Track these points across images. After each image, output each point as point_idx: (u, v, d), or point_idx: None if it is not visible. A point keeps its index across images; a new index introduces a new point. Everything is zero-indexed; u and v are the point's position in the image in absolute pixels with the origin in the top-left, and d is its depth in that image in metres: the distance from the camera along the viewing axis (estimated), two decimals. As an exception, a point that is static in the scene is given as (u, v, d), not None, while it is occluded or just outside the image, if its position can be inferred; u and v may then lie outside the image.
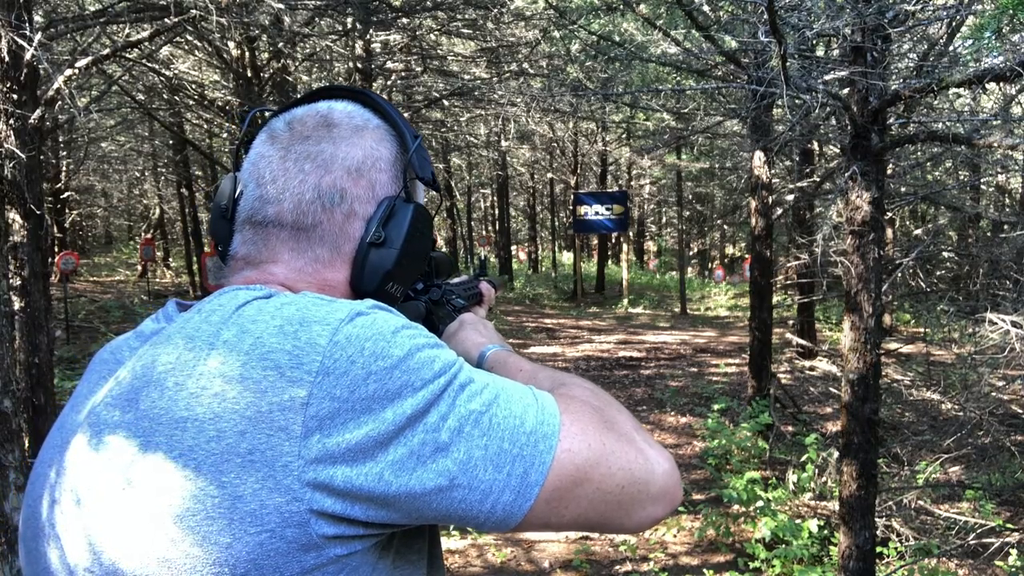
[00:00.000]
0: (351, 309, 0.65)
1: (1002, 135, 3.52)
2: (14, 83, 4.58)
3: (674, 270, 25.93)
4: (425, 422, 0.62)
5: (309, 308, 0.65)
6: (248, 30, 7.48)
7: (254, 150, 0.80)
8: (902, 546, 5.27)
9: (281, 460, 0.58)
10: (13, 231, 4.67)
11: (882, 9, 3.73)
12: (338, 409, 0.60)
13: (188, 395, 0.61)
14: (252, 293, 0.69)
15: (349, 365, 0.61)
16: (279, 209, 0.76)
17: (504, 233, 23.77)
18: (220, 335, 0.64)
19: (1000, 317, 4.20)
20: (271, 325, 0.63)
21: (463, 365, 0.68)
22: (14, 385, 3.27)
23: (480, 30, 11.24)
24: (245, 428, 0.59)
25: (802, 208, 10.11)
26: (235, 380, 0.61)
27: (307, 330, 0.63)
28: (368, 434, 0.60)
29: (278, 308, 0.65)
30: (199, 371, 0.62)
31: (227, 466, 0.58)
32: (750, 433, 6.99)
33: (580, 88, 9.15)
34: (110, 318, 12.36)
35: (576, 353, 12.59)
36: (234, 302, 0.68)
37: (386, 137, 0.81)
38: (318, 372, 0.60)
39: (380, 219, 0.77)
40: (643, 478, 0.70)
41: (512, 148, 21.46)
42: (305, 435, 0.59)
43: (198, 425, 0.60)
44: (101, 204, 25.07)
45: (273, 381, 0.60)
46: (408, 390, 0.62)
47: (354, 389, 0.60)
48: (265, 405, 0.59)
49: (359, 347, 0.62)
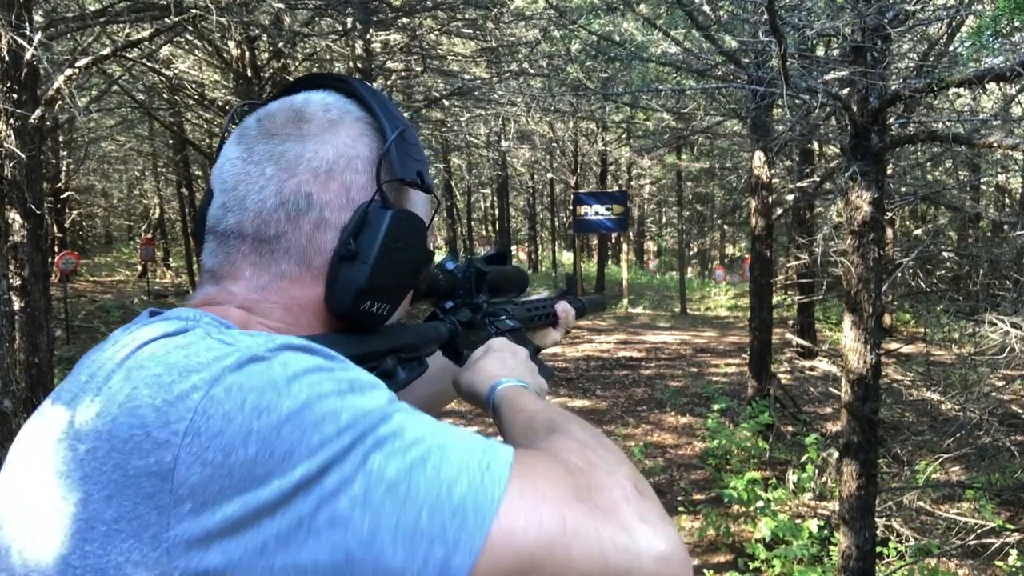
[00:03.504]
0: (247, 353, 0.54)
1: (1002, 135, 3.52)
2: (14, 83, 4.58)
3: (674, 270, 25.93)
4: (321, 486, 0.50)
5: (199, 353, 0.54)
6: (248, 30, 7.48)
7: (223, 150, 0.70)
8: (902, 546, 5.27)
9: (149, 531, 0.50)
10: (13, 231, 4.68)
11: (882, 9, 3.73)
12: (211, 475, 0.50)
13: (66, 447, 0.54)
14: (167, 326, 0.59)
15: (224, 423, 0.50)
16: (240, 219, 0.66)
17: (504, 233, 23.77)
18: (109, 380, 0.55)
19: (1000, 318, 4.20)
20: (151, 373, 0.54)
21: (390, 414, 0.55)
22: (14, 385, 3.27)
23: (480, 30, 11.25)
24: (111, 493, 0.51)
25: (802, 208, 10.11)
26: (104, 437, 0.52)
27: (184, 380, 0.52)
28: (248, 503, 0.50)
29: (167, 352, 0.55)
30: (80, 420, 0.54)
31: (91, 534, 0.51)
32: (750, 433, 6.99)
33: (580, 88, 9.15)
34: (110, 318, 12.36)
35: (576, 353, 12.59)
36: (142, 336, 0.58)
37: (367, 132, 0.70)
38: (186, 432, 0.50)
39: (351, 229, 0.67)
40: (622, 566, 0.54)
41: (512, 148, 21.46)
42: (174, 504, 0.50)
43: (68, 483, 0.53)
44: (101, 204, 25.08)
45: (139, 441, 0.51)
46: (300, 450, 0.51)
47: (230, 452, 0.50)
48: (131, 468, 0.51)
49: (240, 400, 0.51)
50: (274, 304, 0.66)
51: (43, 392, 4.99)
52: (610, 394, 9.91)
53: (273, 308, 0.66)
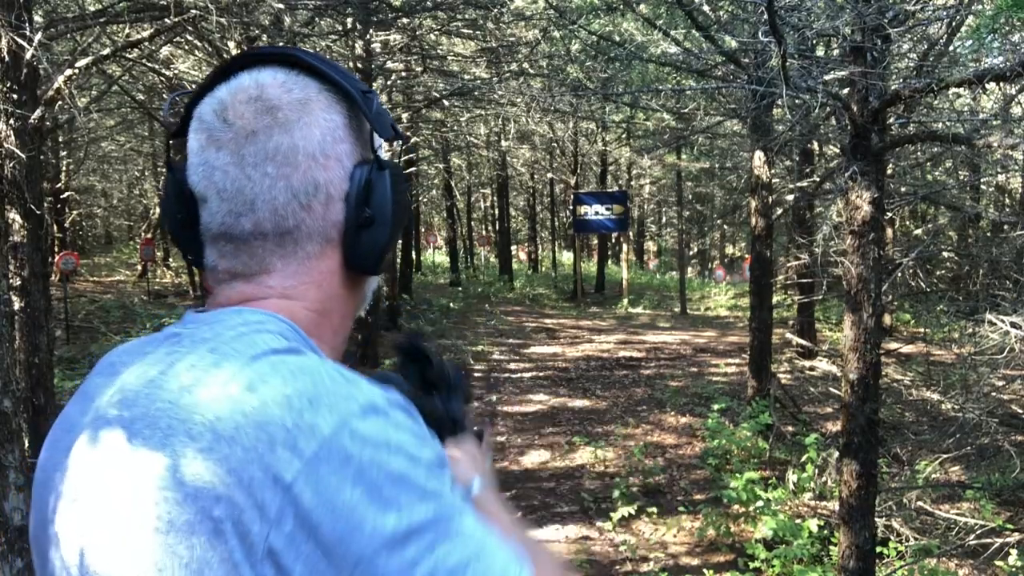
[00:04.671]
0: (368, 401, 0.60)
1: (1002, 135, 3.53)
2: (14, 83, 4.58)
3: (674, 270, 25.93)
4: (403, 554, 0.56)
5: (324, 383, 0.60)
6: (248, 30, 7.48)
7: (195, 153, 0.71)
8: (902, 546, 5.27)
9: (249, 538, 0.55)
10: (13, 231, 4.68)
11: (882, 9, 3.74)
12: (317, 505, 0.55)
13: (174, 449, 0.58)
14: (272, 340, 0.64)
15: (341, 463, 0.56)
16: (255, 219, 0.69)
17: (504, 233, 23.76)
18: (228, 388, 0.60)
19: (1000, 318, 4.20)
20: (281, 393, 0.59)
21: (459, 505, 0.61)
22: (14, 385, 3.27)
23: (480, 30, 11.25)
24: (222, 494, 0.56)
25: (802, 208, 10.11)
26: (226, 440, 0.57)
27: (314, 412, 0.58)
28: (338, 539, 0.56)
29: (292, 374, 0.60)
30: (192, 421, 0.59)
31: (200, 527, 0.56)
32: (750, 433, 6.99)
33: (580, 88, 9.15)
34: (110, 318, 12.36)
35: (576, 353, 12.59)
36: (250, 350, 0.63)
37: (332, 100, 0.71)
38: (309, 460, 0.56)
39: (357, 196, 0.71)
40: None
41: (512, 148, 21.46)
42: (278, 520, 0.55)
43: (176, 485, 0.57)
44: (101, 204, 25.08)
45: (262, 453, 0.56)
46: (394, 508, 0.57)
47: (340, 489, 0.56)
48: (246, 475, 0.56)
49: (359, 447, 0.57)
50: (308, 284, 0.72)
51: (43, 392, 4.99)
52: (610, 394, 9.91)
53: (308, 288, 0.72)
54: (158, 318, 11.63)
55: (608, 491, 6.38)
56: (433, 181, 24.85)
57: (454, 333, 13.93)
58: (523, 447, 7.72)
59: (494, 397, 9.56)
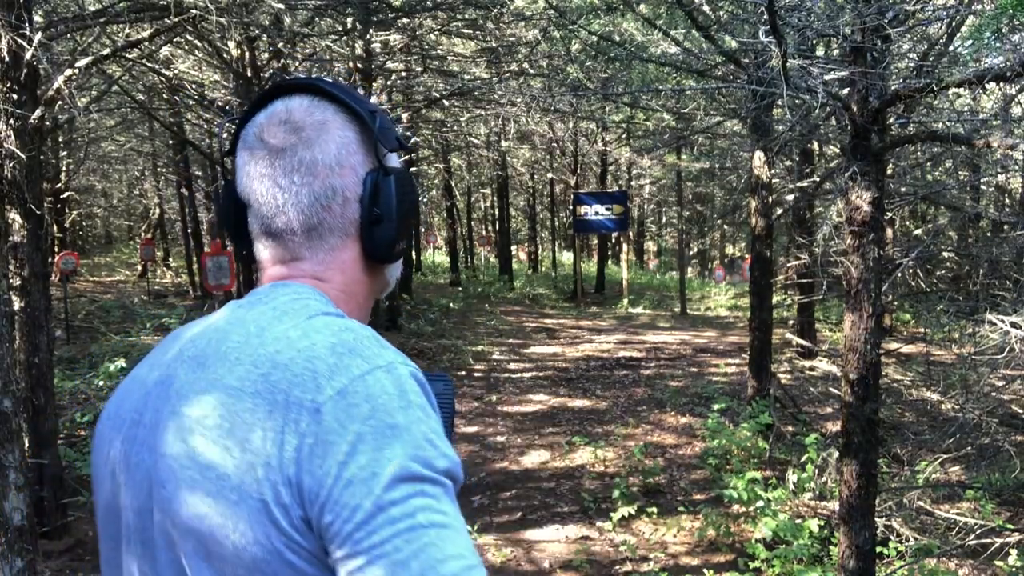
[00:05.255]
0: (395, 361, 0.74)
1: (1002, 135, 3.52)
2: (14, 83, 4.58)
3: (674, 270, 25.92)
4: (387, 493, 0.66)
5: (363, 342, 0.75)
6: (248, 30, 7.48)
7: (241, 168, 0.88)
8: (902, 546, 5.27)
9: (286, 451, 0.69)
10: (13, 231, 4.67)
11: (882, 9, 3.73)
12: (334, 429, 0.68)
13: (245, 369, 0.74)
14: (323, 304, 0.82)
15: (363, 400, 0.70)
16: (287, 219, 0.85)
17: (504, 233, 23.75)
18: (288, 332, 0.76)
19: (1000, 318, 4.20)
20: (327, 340, 0.75)
21: (442, 478, 0.70)
22: (14, 385, 3.27)
23: (480, 30, 11.25)
24: (272, 409, 0.71)
25: (802, 208, 10.11)
26: (282, 367, 0.73)
27: (351, 357, 0.73)
28: (338, 461, 0.67)
29: (339, 329, 0.77)
30: (260, 353, 0.75)
31: (252, 435, 0.71)
32: (750, 433, 6.99)
33: (580, 88, 9.15)
34: (110, 318, 12.36)
35: (576, 353, 12.59)
36: (305, 311, 0.80)
37: (346, 120, 0.88)
38: (340, 392, 0.70)
39: (368, 198, 0.87)
40: None
41: (512, 148, 21.46)
42: (305, 433, 0.69)
43: (240, 395, 0.73)
44: (101, 204, 25.08)
45: (306, 380, 0.71)
46: (389, 451, 0.67)
47: (353, 420, 0.69)
48: (293, 396, 0.71)
49: (379, 390, 0.71)
50: (333, 270, 0.88)
51: (43, 392, 4.99)
52: (610, 394, 9.91)
53: (334, 273, 0.88)
54: (158, 318, 11.62)
55: (608, 491, 6.38)
56: (433, 181, 24.84)
57: (454, 333, 13.92)
58: (523, 447, 7.72)
59: (494, 397, 9.56)
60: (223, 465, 0.71)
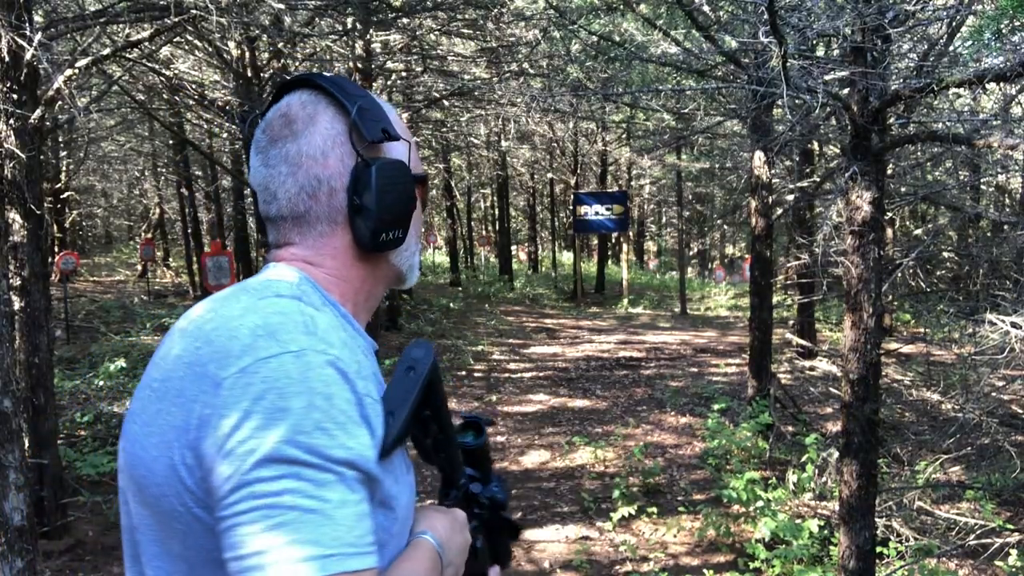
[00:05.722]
0: (306, 347, 0.75)
1: (1002, 135, 3.52)
2: (14, 83, 4.58)
3: (674, 270, 25.92)
4: (258, 470, 0.68)
5: (286, 327, 0.77)
6: (248, 30, 7.48)
7: (251, 159, 0.94)
8: (902, 546, 5.27)
9: (192, 418, 0.75)
10: (13, 231, 4.67)
11: (882, 9, 3.73)
12: (223, 403, 0.72)
13: (187, 341, 0.81)
14: (282, 287, 0.85)
15: (258, 381, 0.72)
16: (278, 207, 0.91)
17: (504, 233, 23.75)
18: (232, 310, 0.81)
19: (1000, 318, 4.20)
20: (253, 322, 0.77)
21: (335, 467, 0.71)
22: (14, 385, 3.27)
23: (480, 30, 11.24)
24: (193, 381, 0.77)
25: (802, 208, 10.10)
26: (206, 340, 0.78)
27: (267, 340, 0.75)
28: (242, 433, 0.70)
29: (273, 313, 0.79)
30: (211, 317, 0.82)
31: (179, 400, 0.77)
32: (750, 433, 6.99)
33: (580, 88, 9.15)
34: (110, 318, 12.35)
35: (576, 353, 12.59)
36: (259, 292, 0.83)
37: (338, 114, 0.90)
38: (241, 371, 0.73)
39: (351, 189, 0.89)
40: None
41: (512, 148, 21.45)
42: (205, 403, 0.74)
43: (177, 365, 0.80)
44: (101, 204, 25.08)
45: (221, 357, 0.75)
46: (271, 431, 0.69)
47: (243, 399, 0.72)
48: (207, 371, 0.75)
49: (280, 375, 0.72)
50: (323, 255, 0.91)
51: (43, 392, 4.99)
52: (610, 394, 9.91)
53: (324, 258, 0.91)
54: (158, 318, 11.62)
55: (608, 491, 6.38)
56: (433, 181, 24.83)
57: (454, 333, 13.92)
58: (523, 447, 7.72)
59: (494, 397, 9.56)
60: (155, 423, 0.78)
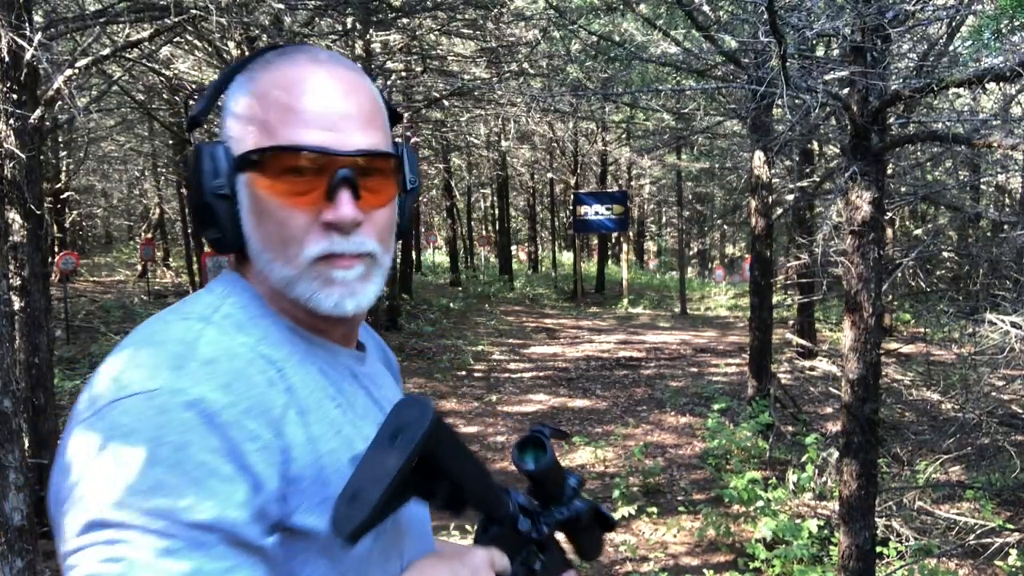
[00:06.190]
0: (165, 385, 0.66)
1: (1002, 135, 3.52)
2: (14, 83, 4.58)
3: (674, 270, 25.92)
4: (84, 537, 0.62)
5: (153, 357, 0.68)
6: (248, 30, 7.48)
7: None
8: (902, 546, 5.27)
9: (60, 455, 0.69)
10: (13, 231, 4.67)
11: (882, 9, 3.73)
12: (76, 450, 0.66)
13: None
14: (194, 302, 0.79)
15: (102, 428, 0.65)
16: None
17: (504, 233, 23.75)
18: (132, 339, 0.74)
19: (1000, 317, 4.20)
20: (128, 351, 0.71)
21: (186, 537, 0.61)
22: (14, 385, 3.27)
23: (480, 30, 11.24)
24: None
25: (802, 208, 10.10)
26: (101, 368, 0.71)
27: (128, 375, 0.67)
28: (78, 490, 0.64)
29: (150, 340, 0.72)
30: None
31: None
32: (750, 433, 6.99)
33: (580, 88, 9.16)
34: (110, 318, 12.35)
35: (576, 353, 12.59)
36: (182, 307, 0.79)
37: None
38: (94, 413, 0.66)
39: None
40: None
41: (512, 148, 21.46)
42: (62, 448, 0.68)
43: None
44: (101, 204, 25.08)
45: (86, 396, 0.69)
46: (102, 496, 0.62)
47: (83, 446, 0.65)
48: (77, 409, 0.69)
49: (121, 421, 0.64)
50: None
51: (43, 392, 4.99)
52: (610, 394, 9.91)
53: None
54: (158, 318, 11.60)
55: (608, 491, 6.38)
56: (433, 181, 24.84)
57: (454, 333, 13.92)
58: (523, 447, 7.72)
59: (494, 397, 9.56)
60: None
